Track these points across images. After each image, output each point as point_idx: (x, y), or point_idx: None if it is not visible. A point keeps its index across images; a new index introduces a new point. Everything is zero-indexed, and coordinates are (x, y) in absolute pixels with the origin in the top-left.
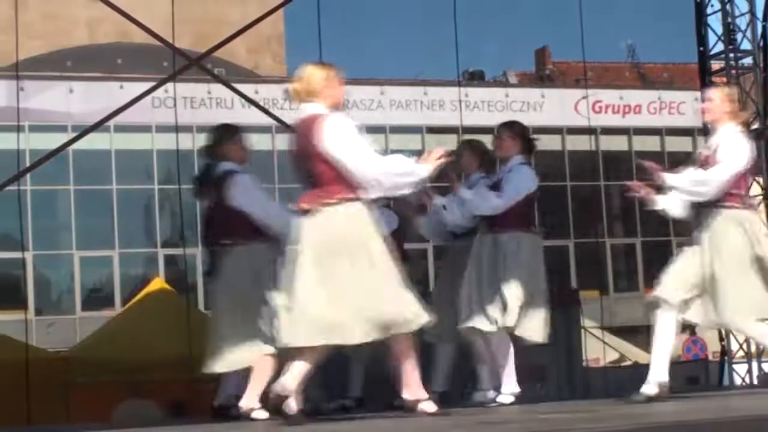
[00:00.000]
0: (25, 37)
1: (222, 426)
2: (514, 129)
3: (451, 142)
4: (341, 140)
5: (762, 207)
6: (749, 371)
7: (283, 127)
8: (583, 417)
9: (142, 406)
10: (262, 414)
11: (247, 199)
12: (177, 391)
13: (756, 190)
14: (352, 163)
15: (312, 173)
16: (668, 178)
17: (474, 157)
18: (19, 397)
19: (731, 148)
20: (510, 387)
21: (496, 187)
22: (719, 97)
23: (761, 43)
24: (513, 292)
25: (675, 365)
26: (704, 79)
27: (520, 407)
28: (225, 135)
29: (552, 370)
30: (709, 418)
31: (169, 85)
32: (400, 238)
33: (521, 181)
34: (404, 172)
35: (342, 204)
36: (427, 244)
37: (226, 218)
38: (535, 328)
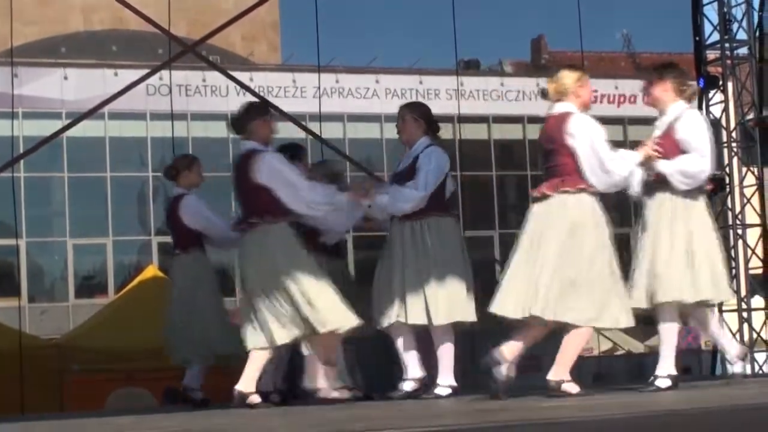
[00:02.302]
0: (20, 23)
1: (219, 413)
2: (417, 110)
3: (446, 131)
4: (585, 138)
5: (756, 196)
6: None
7: (279, 115)
8: (579, 405)
9: (136, 394)
10: (256, 398)
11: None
12: (171, 378)
13: (750, 179)
14: (588, 162)
15: (555, 163)
16: (662, 165)
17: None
18: (12, 384)
19: (695, 132)
20: (447, 379)
21: (408, 175)
22: (662, 84)
23: (757, 33)
24: (441, 281)
25: None
26: (700, 68)
27: (517, 396)
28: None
29: (546, 360)
30: (703, 407)
31: (164, 73)
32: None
33: (433, 165)
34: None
35: (578, 194)
36: None
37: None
38: (468, 309)
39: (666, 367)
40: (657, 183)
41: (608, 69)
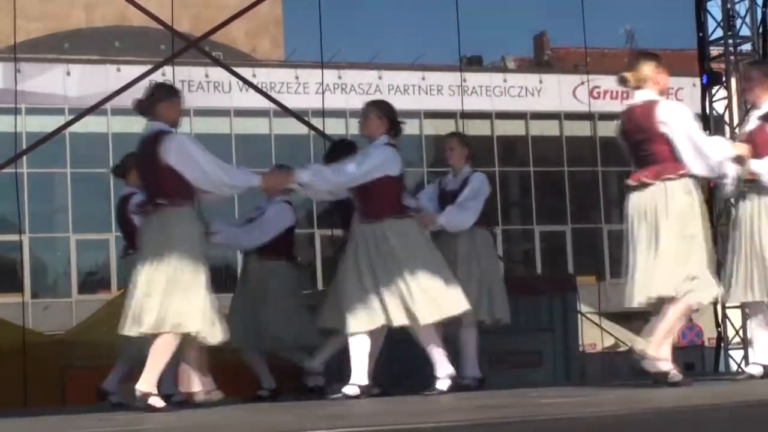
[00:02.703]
0: (23, 19)
1: (226, 408)
2: (381, 108)
3: (449, 126)
4: (679, 124)
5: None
6: (745, 357)
7: (281, 110)
8: (582, 401)
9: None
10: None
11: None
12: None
13: None
14: (685, 147)
15: (650, 152)
16: (756, 164)
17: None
18: (15, 380)
19: None
20: (359, 378)
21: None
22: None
23: (761, 30)
24: (416, 280)
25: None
26: (703, 65)
27: (517, 392)
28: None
29: (548, 356)
30: (707, 403)
31: (167, 69)
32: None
33: (380, 158)
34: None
35: (680, 179)
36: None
37: None
38: (452, 302)
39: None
40: (748, 182)
41: (611, 65)
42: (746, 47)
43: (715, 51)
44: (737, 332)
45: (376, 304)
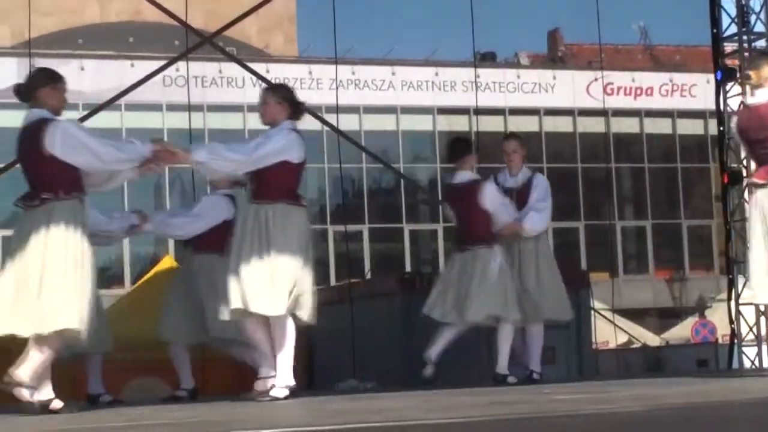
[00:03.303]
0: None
1: (243, 404)
2: (280, 93)
3: (462, 123)
4: None
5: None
6: (759, 354)
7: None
8: (595, 398)
9: (152, 384)
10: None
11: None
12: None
13: None
14: None
15: None
16: None
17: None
18: None
19: None
20: (285, 379)
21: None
22: None
23: None
24: (284, 272)
25: (684, 348)
26: (717, 61)
27: (531, 388)
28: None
29: (562, 352)
30: (720, 400)
31: (181, 64)
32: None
33: (281, 142)
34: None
35: None
36: (436, 225)
37: None
38: (307, 308)
39: None
40: None
41: (625, 61)
42: (760, 43)
43: (729, 47)
44: (751, 329)
45: (240, 287)
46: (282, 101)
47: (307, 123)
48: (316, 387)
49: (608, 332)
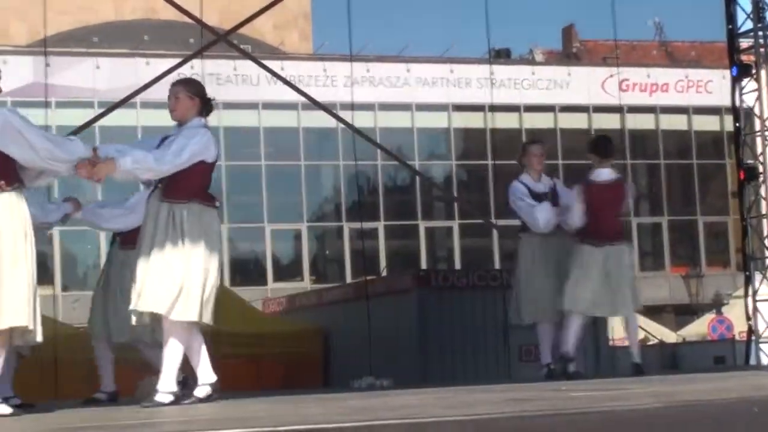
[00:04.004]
0: (52, 12)
1: (253, 400)
2: (192, 88)
3: (477, 120)
4: None
5: None
6: None
7: (310, 103)
8: (612, 395)
9: None
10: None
11: None
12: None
13: None
14: None
15: None
16: None
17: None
18: (47, 371)
19: None
20: (168, 384)
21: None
22: None
23: None
24: (198, 277)
25: (701, 345)
26: (733, 57)
27: (547, 385)
28: None
29: (578, 349)
30: (738, 397)
31: (196, 62)
32: None
33: (200, 144)
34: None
35: None
36: (452, 222)
37: None
38: (210, 311)
39: None
40: None
41: (640, 58)
42: None
43: (744, 43)
44: None
45: (140, 285)
46: (194, 96)
47: (322, 120)
48: (332, 384)
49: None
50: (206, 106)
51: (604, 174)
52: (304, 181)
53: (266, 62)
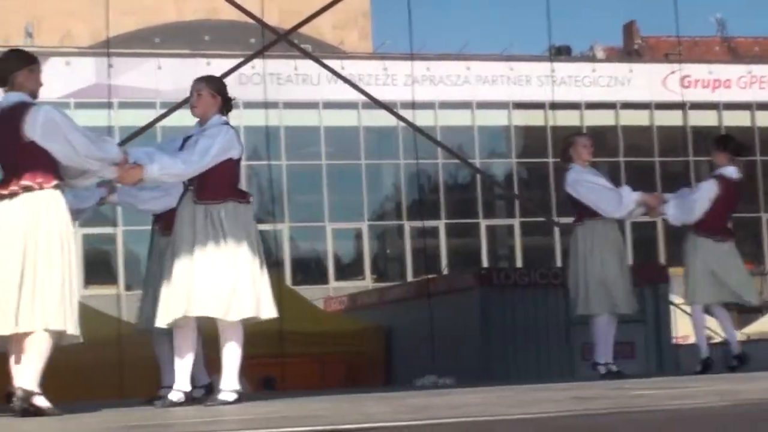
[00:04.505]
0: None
1: (316, 399)
2: (215, 85)
3: (538, 117)
4: None
5: None
6: None
7: (370, 102)
8: (675, 393)
9: None
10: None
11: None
12: (267, 366)
13: None
14: None
15: None
16: None
17: None
18: (112, 370)
19: None
20: (231, 383)
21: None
22: None
23: None
24: (243, 273)
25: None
26: None
27: (610, 383)
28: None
29: (641, 347)
30: None
31: (256, 62)
32: None
33: (224, 141)
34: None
35: None
36: (513, 220)
37: None
38: (270, 306)
39: None
40: None
41: (702, 54)
42: None
43: None
44: None
45: (185, 291)
46: (216, 94)
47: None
48: (394, 383)
49: (688, 327)
50: (227, 104)
51: (733, 172)
52: (364, 180)
53: (327, 61)
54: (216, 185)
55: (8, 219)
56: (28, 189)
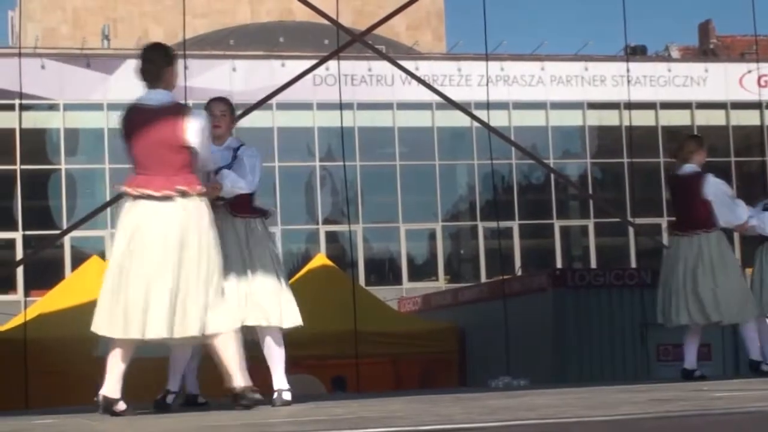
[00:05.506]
0: (190, 16)
1: (393, 400)
2: (232, 107)
3: (613, 117)
4: None
5: None
6: None
7: (444, 102)
8: (755, 395)
9: (304, 380)
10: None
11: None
12: (341, 367)
13: None
14: None
15: None
16: None
17: None
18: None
19: None
20: (285, 382)
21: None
22: None
23: None
24: (268, 283)
25: None
26: None
27: (688, 385)
28: None
29: (717, 349)
30: None
31: (330, 63)
32: None
33: (259, 160)
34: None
35: None
36: (587, 221)
37: None
38: (291, 314)
39: None
40: None
41: None
42: None
43: None
44: None
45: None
46: (233, 114)
47: (457, 119)
48: (469, 384)
49: None
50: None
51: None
52: (438, 180)
53: (401, 62)
54: (248, 201)
55: (168, 221)
56: (184, 194)
